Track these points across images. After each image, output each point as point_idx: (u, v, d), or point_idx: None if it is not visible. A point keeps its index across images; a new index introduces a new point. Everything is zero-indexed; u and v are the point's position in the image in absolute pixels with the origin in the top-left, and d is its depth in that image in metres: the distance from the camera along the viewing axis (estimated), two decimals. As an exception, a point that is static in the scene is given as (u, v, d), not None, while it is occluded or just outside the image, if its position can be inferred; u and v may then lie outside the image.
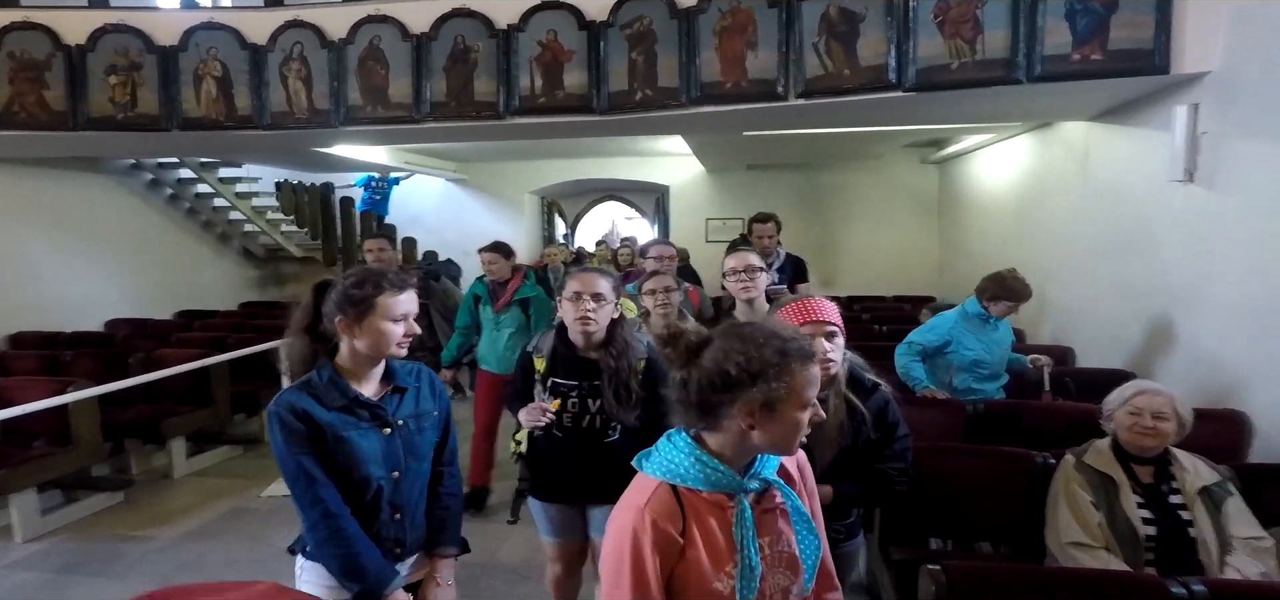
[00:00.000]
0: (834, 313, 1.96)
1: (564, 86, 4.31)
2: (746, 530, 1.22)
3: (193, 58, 4.55)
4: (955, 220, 8.37)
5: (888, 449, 2.02)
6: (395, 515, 1.82)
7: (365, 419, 1.76)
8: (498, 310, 4.18)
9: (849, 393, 1.95)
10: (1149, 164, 3.97)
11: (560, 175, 10.14)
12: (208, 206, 8.36)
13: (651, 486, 1.24)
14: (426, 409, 1.91)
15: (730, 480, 1.23)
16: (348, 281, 1.75)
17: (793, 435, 1.21)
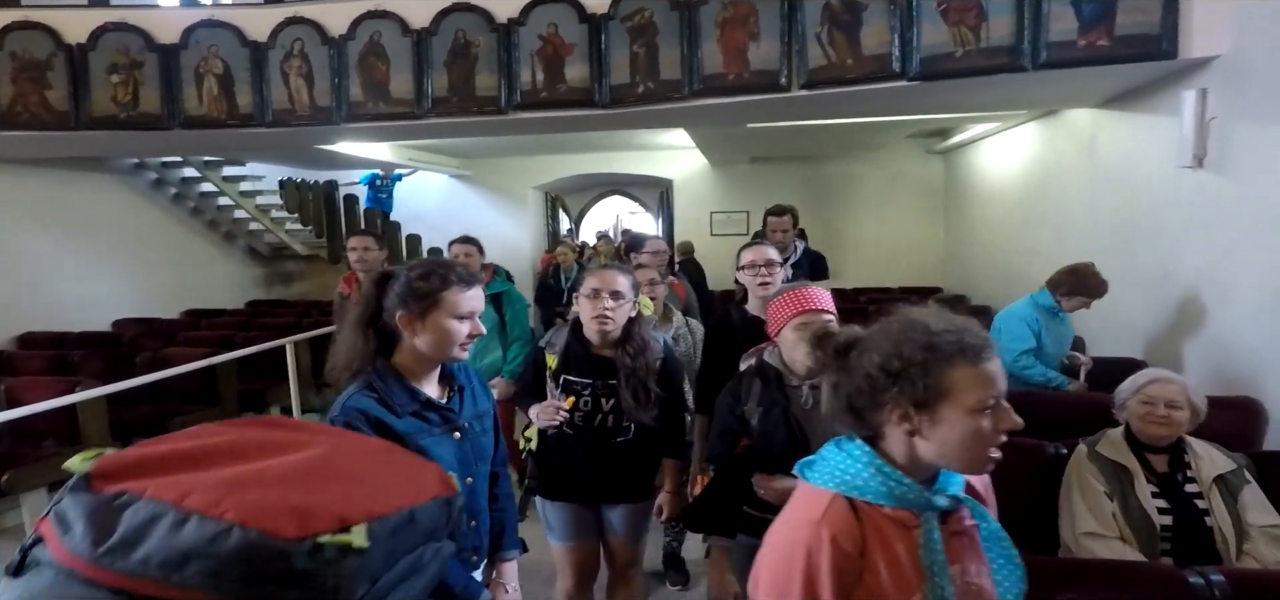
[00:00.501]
0: (828, 301, 1.96)
1: (566, 80, 4.29)
2: (936, 553, 1.06)
3: (194, 56, 4.55)
4: (960, 210, 8.33)
5: None
6: (471, 523, 1.76)
7: (436, 424, 1.67)
8: None
9: None
10: (1157, 150, 3.93)
11: (564, 170, 10.12)
12: (212, 205, 8.37)
13: (825, 499, 1.09)
14: (484, 408, 1.85)
15: (916, 495, 1.07)
16: (413, 273, 1.64)
17: (969, 446, 1.05)
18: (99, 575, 0.53)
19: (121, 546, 0.53)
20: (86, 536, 0.54)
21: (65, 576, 0.54)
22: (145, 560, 0.53)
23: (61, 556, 0.55)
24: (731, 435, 2.09)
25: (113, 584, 0.53)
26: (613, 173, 10.25)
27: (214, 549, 0.52)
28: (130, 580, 0.53)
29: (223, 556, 0.52)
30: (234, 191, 8.37)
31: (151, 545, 0.53)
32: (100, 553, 0.53)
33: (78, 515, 0.56)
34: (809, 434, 1.96)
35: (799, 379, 1.99)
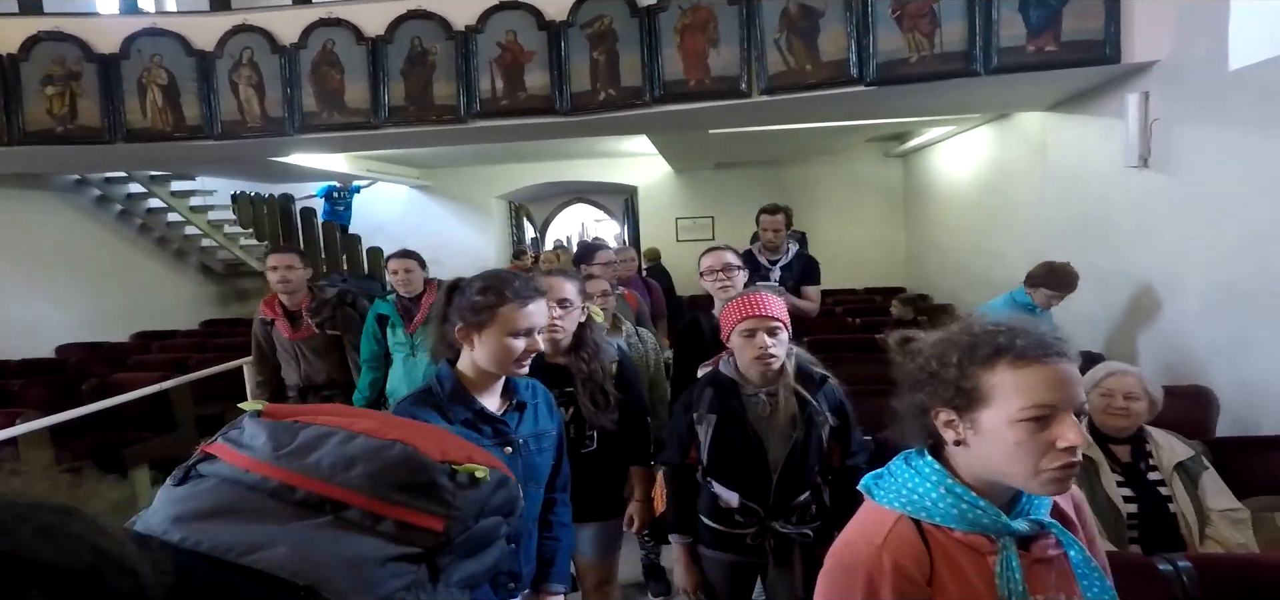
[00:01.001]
0: (779, 308, 1.94)
1: (526, 88, 4.24)
2: (1015, 584, 0.95)
3: (135, 66, 4.39)
4: (920, 212, 8.48)
5: (852, 439, 2.03)
6: (511, 544, 1.66)
7: (487, 435, 1.63)
8: (412, 330, 3.49)
9: (798, 386, 1.93)
10: (1105, 151, 4.04)
11: (527, 179, 10.04)
12: (161, 222, 8.11)
13: (888, 521, 1.01)
14: (545, 428, 1.77)
15: (991, 518, 0.98)
16: (473, 287, 1.64)
17: (1018, 460, 0.94)
18: (274, 472, 0.67)
19: (299, 450, 0.68)
20: (268, 443, 0.69)
21: (230, 482, 0.67)
22: (318, 462, 0.67)
23: (237, 461, 0.69)
24: (683, 444, 2.07)
25: (285, 479, 0.66)
26: (577, 180, 10.21)
27: (379, 457, 0.68)
28: (301, 478, 0.66)
29: (385, 462, 0.68)
30: (184, 207, 8.12)
31: (325, 451, 0.68)
32: (280, 454, 0.68)
33: (258, 431, 0.71)
34: (765, 442, 1.94)
35: (754, 386, 1.97)
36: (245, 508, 0.65)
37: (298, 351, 3.47)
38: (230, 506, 0.65)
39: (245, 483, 0.67)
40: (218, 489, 0.67)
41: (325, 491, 0.66)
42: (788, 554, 1.99)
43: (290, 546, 0.61)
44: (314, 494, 0.66)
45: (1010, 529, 0.97)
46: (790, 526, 1.96)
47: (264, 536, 0.62)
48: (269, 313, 3.52)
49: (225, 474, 0.68)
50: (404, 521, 0.67)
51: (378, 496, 0.66)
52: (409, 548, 0.66)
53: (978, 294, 6.34)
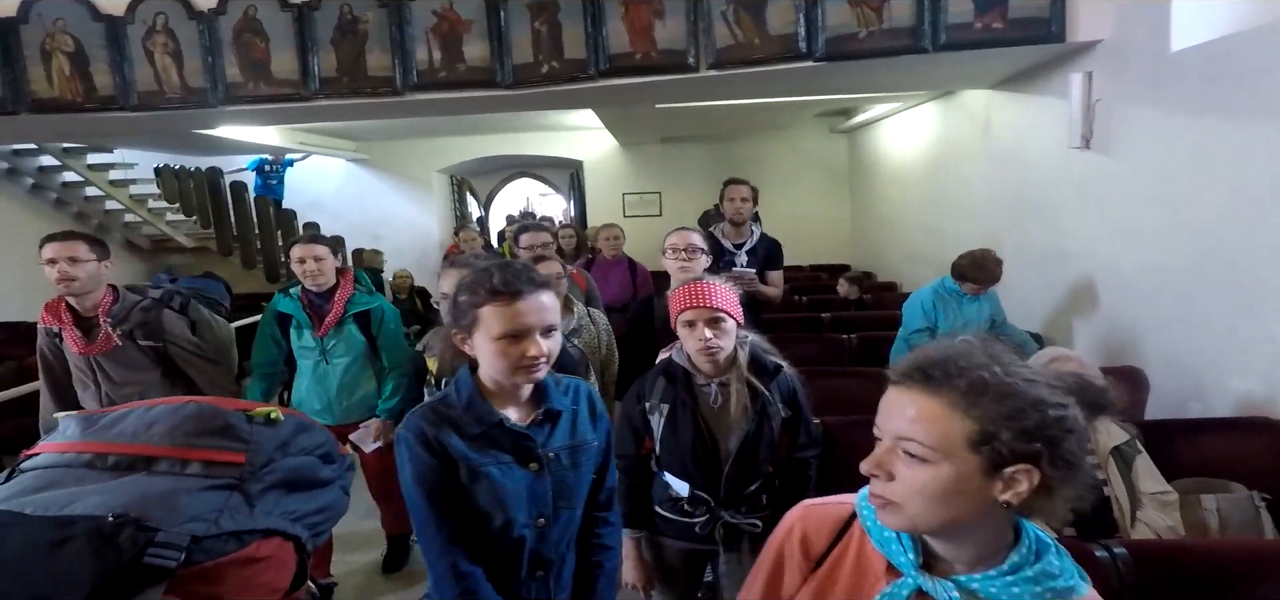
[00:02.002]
0: (724, 298, 1.87)
1: (465, 59, 4.05)
2: None
3: (36, 30, 4.03)
4: (865, 189, 8.55)
5: (803, 432, 2.01)
6: (537, 572, 1.52)
7: (507, 450, 1.45)
8: (322, 333, 2.96)
9: (751, 376, 1.90)
10: (1048, 131, 4.09)
11: (469, 152, 9.75)
12: (78, 196, 7.64)
13: (846, 503, 1.06)
14: (584, 439, 1.56)
15: (896, 550, 0.96)
16: (462, 283, 1.44)
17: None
18: (85, 446, 0.77)
19: (106, 426, 0.79)
20: (78, 427, 0.80)
21: (48, 466, 0.76)
22: (122, 430, 0.79)
23: (53, 449, 0.78)
24: (636, 434, 2.02)
25: (97, 449, 0.76)
26: (521, 154, 9.97)
27: (177, 414, 0.80)
28: (109, 445, 0.77)
29: (182, 416, 0.80)
30: (102, 181, 7.66)
31: (128, 421, 0.80)
32: (89, 431, 0.79)
33: (70, 422, 0.81)
34: (716, 433, 1.90)
35: (706, 376, 1.92)
36: (64, 480, 0.73)
37: (94, 368, 2.78)
38: (49, 482, 0.73)
39: (61, 463, 0.76)
40: (38, 474, 0.75)
41: (133, 450, 0.76)
42: (737, 542, 1.98)
43: (101, 494, 0.70)
44: (124, 455, 0.76)
45: (908, 571, 0.95)
46: (740, 516, 1.94)
47: (76, 494, 0.70)
48: (53, 320, 2.77)
49: (44, 462, 0.77)
50: (208, 460, 0.77)
51: (179, 444, 0.77)
52: (215, 480, 0.76)
53: (922, 271, 6.42)
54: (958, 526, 0.90)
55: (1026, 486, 0.85)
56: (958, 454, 0.86)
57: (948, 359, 0.89)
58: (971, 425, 0.85)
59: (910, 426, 0.88)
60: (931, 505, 0.88)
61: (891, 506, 0.90)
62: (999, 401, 0.85)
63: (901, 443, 0.89)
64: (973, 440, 0.85)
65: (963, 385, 0.86)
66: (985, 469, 0.85)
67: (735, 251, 3.67)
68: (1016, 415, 0.84)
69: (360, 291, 3.11)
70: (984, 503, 0.87)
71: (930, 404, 0.87)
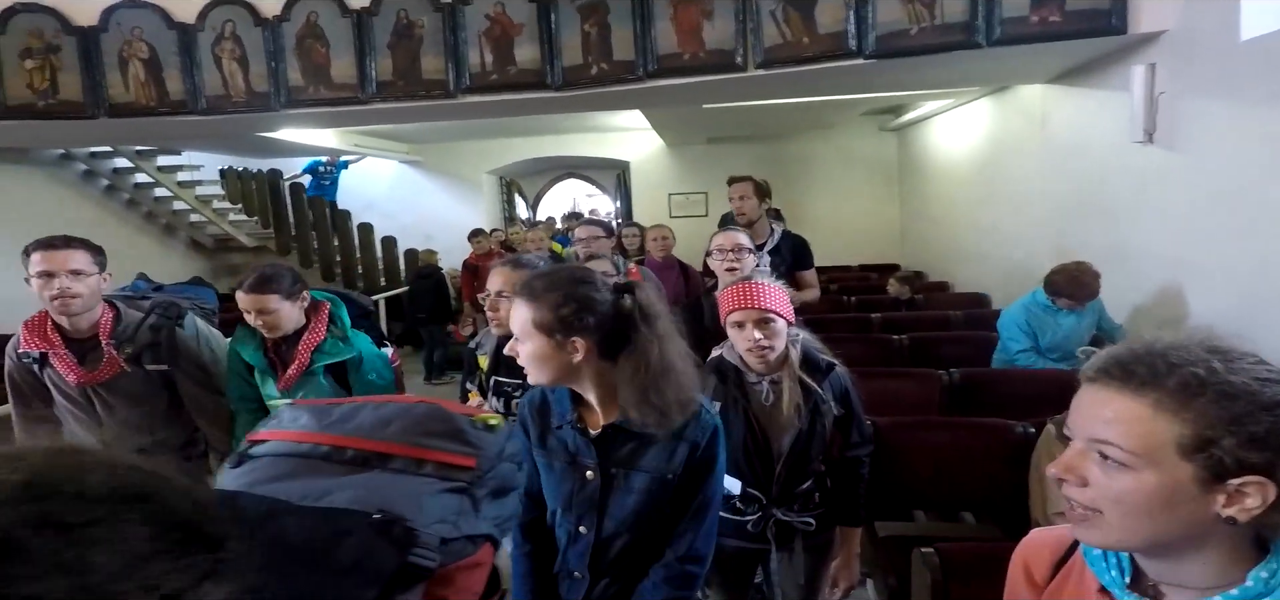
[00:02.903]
0: (774, 298, 1.87)
1: (516, 62, 4.14)
2: None
3: (115, 38, 4.26)
4: (915, 187, 8.40)
5: (855, 431, 2.00)
6: (575, 574, 1.51)
7: (556, 452, 1.48)
8: (284, 386, 2.36)
9: (804, 375, 1.89)
10: (1108, 125, 3.97)
11: (518, 154, 9.91)
12: (149, 197, 7.99)
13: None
14: (657, 468, 1.46)
15: (1104, 571, 0.87)
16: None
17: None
18: (323, 438, 0.78)
19: (341, 419, 0.81)
20: (312, 418, 0.81)
21: (283, 455, 0.78)
22: (360, 425, 0.80)
23: (286, 437, 0.80)
24: None
25: (335, 443, 0.78)
26: (569, 155, 10.09)
27: (410, 414, 0.81)
28: (348, 439, 0.77)
29: (416, 416, 0.82)
30: (171, 182, 8.00)
31: (363, 416, 0.80)
32: (325, 424, 0.80)
33: (298, 413, 0.83)
34: (768, 431, 1.90)
35: (757, 374, 1.92)
36: (304, 471, 0.75)
37: (92, 398, 2.36)
38: (290, 472, 0.75)
39: (297, 453, 0.78)
40: (274, 462, 0.78)
41: (370, 447, 0.77)
42: (789, 541, 1.98)
43: (354, 490, 0.71)
44: (361, 451, 0.77)
45: (1115, 589, 0.87)
46: (793, 514, 1.94)
47: (329, 486, 0.72)
48: (37, 342, 2.32)
49: (277, 450, 0.79)
50: (442, 462, 0.79)
51: (416, 444, 0.79)
52: (452, 482, 0.78)
53: (974, 270, 6.30)
54: (1172, 545, 0.80)
55: (1259, 502, 0.73)
56: (1166, 461, 0.76)
57: (1155, 354, 0.80)
58: (1183, 428, 0.75)
59: (1105, 427, 0.79)
60: (1133, 518, 0.78)
61: (1092, 517, 0.81)
62: (1219, 402, 0.74)
63: (1096, 445, 0.80)
64: (1185, 446, 0.75)
65: (1172, 383, 0.76)
66: (1202, 479, 0.75)
67: (753, 250, 3.58)
68: (1243, 419, 0.73)
69: (333, 336, 2.42)
70: (1203, 519, 0.76)
71: (1131, 404, 0.78)
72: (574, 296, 1.39)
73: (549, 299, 1.39)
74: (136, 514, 0.46)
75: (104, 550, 0.43)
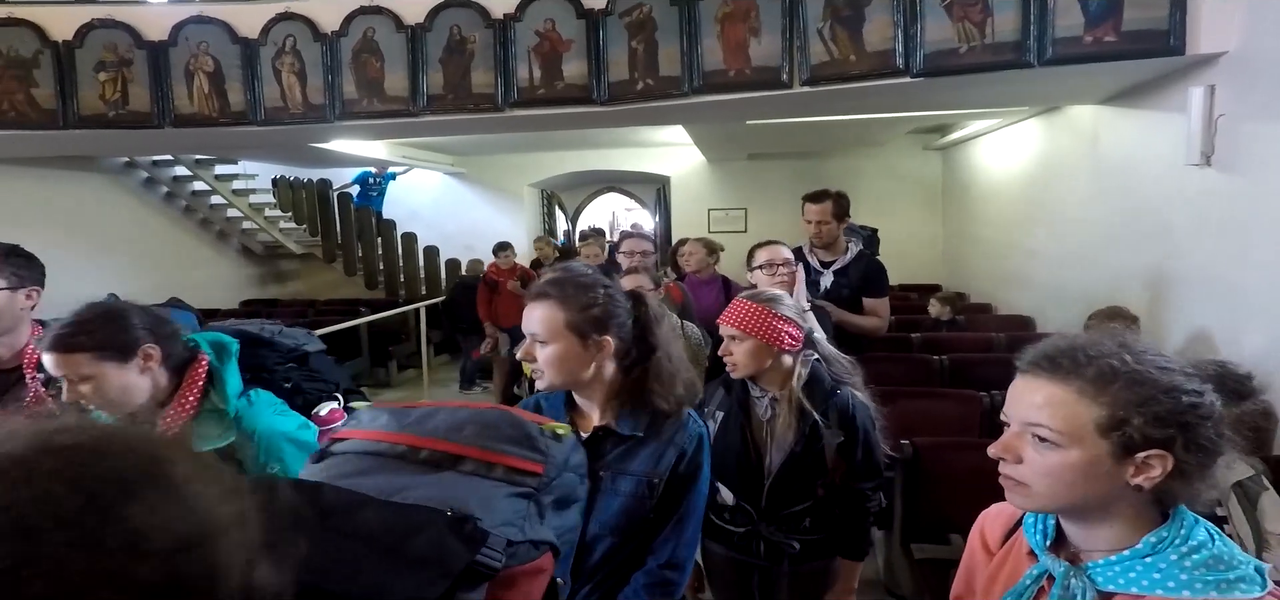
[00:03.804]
0: (736, 315, 1.89)
1: (563, 77, 4.22)
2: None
3: (183, 53, 4.46)
4: (959, 207, 8.29)
5: (861, 462, 1.93)
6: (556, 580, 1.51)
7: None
8: None
9: (802, 396, 1.88)
10: (1163, 147, 3.88)
11: (560, 167, 10.04)
12: (205, 204, 8.29)
13: None
14: (639, 471, 1.46)
15: (1032, 535, 1.02)
16: None
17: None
18: (399, 438, 0.81)
19: (418, 420, 0.84)
20: (391, 419, 0.85)
21: (362, 452, 0.81)
22: (435, 427, 0.83)
23: (365, 436, 0.83)
24: None
25: (410, 443, 0.80)
26: (609, 169, 10.18)
27: (483, 418, 0.85)
28: (423, 439, 0.81)
29: (488, 421, 0.84)
30: (226, 190, 8.28)
31: (438, 419, 0.84)
32: (403, 424, 0.83)
33: (377, 414, 0.87)
34: (761, 447, 1.90)
35: (762, 389, 1.93)
36: (381, 468, 0.79)
37: None
38: (368, 468, 0.79)
39: (375, 451, 0.81)
40: (353, 459, 0.81)
41: (444, 448, 0.80)
42: (778, 560, 1.97)
43: (427, 489, 0.75)
44: (435, 452, 0.80)
45: (1038, 553, 1.00)
46: (779, 535, 1.93)
47: (404, 483, 0.75)
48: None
49: (357, 448, 0.83)
50: (511, 467, 0.81)
51: (487, 448, 0.81)
52: (520, 487, 0.81)
53: (1018, 293, 6.19)
54: (1090, 510, 0.94)
55: (1160, 471, 0.87)
56: (1087, 438, 0.89)
57: (1076, 348, 0.93)
58: (1101, 411, 0.89)
59: (1038, 412, 0.93)
60: (1059, 486, 0.92)
61: (1020, 488, 0.95)
62: (1129, 387, 0.88)
63: (1030, 428, 0.94)
64: (1102, 425, 0.88)
65: (1091, 373, 0.90)
66: (1116, 454, 0.88)
67: (821, 270, 3.41)
68: (1148, 401, 0.87)
69: (211, 405, 1.63)
70: (1116, 486, 0.90)
71: (1058, 390, 0.92)
72: (602, 297, 1.45)
73: (580, 299, 1.43)
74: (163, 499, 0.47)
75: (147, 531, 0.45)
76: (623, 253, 3.44)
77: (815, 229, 3.38)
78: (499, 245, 6.70)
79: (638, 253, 3.38)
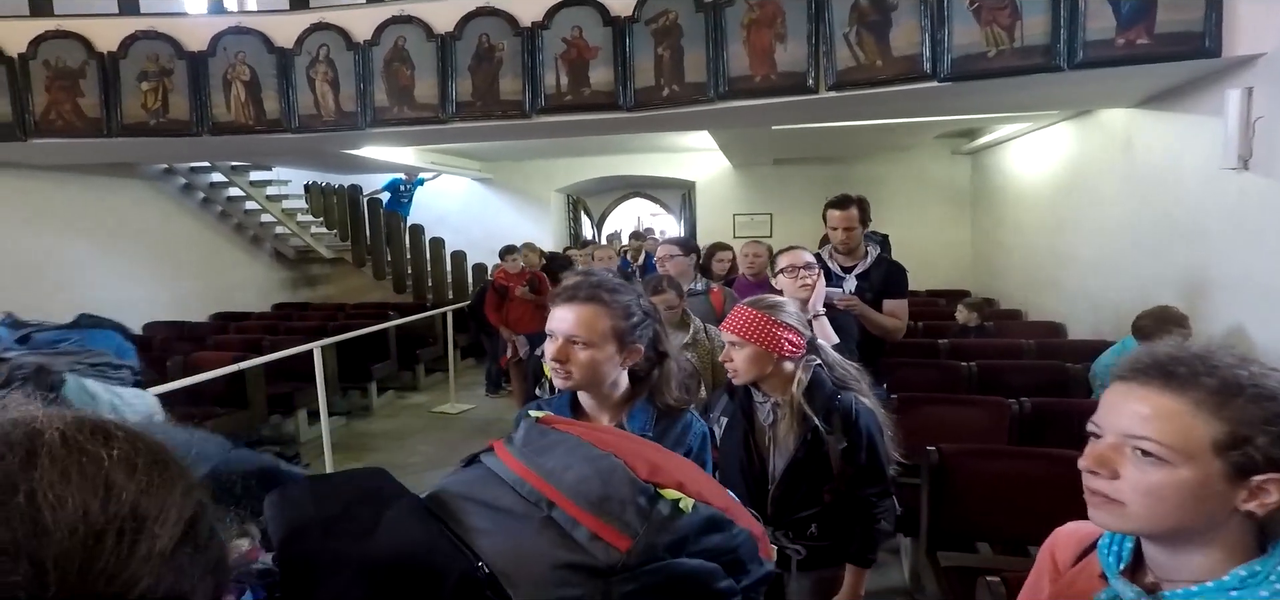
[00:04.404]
0: (737, 322, 1.88)
1: (590, 84, 4.27)
2: None
3: (221, 62, 4.59)
4: (988, 212, 8.19)
5: (866, 467, 1.90)
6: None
7: None
8: None
9: (803, 402, 1.86)
10: (1198, 151, 3.82)
11: (586, 173, 10.12)
12: (239, 209, 8.48)
13: None
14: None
15: (1107, 557, 0.93)
16: None
17: None
18: (516, 467, 0.77)
19: (537, 451, 0.78)
20: (523, 443, 0.81)
21: (490, 474, 0.78)
22: (543, 463, 0.76)
23: (502, 457, 0.79)
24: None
25: (521, 475, 0.75)
26: (635, 175, 10.24)
27: (592, 465, 0.74)
28: (531, 474, 0.75)
29: (590, 472, 0.73)
30: (260, 196, 8.47)
31: (555, 454, 0.77)
32: (524, 450, 0.79)
33: (521, 433, 0.83)
34: (764, 452, 1.90)
35: (764, 394, 1.92)
36: (486, 497, 0.75)
37: None
38: (477, 494, 0.75)
39: (498, 473, 0.78)
40: (480, 476, 0.79)
41: (543, 490, 0.73)
42: (784, 566, 1.94)
43: (497, 538, 0.70)
44: (535, 490, 0.74)
45: (1112, 582, 0.90)
46: (785, 540, 1.92)
47: (487, 523, 0.71)
48: None
49: (491, 467, 0.80)
50: (593, 532, 0.69)
51: (577, 503, 0.71)
52: (590, 559, 0.67)
53: (1047, 298, 6.10)
54: (1185, 534, 0.83)
55: (1276, 497, 0.78)
56: (1201, 456, 0.79)
57: (1193, 357, 0.83)
58: (1221, 427, 0.79)
59: (1143, 424, 0.82)
60: (1162, 507, 0.81)
61: (1112, 506, 0.84)
62: (1256, 403, 0.79)
63: (1132, 441, 0.83)
64: (1220, 443, 0.79)
65: (1213, 384, 0.80)
66: (1230, 475, 0.79)
67: (843, 275, 3.40)
68: (1274, 419, 0.78)
69: None
70: (1223, 511, 0.80)
71: (1170, 402, 0.81)
72: (638, 306, 1.47)
73: (622, 306, 1.43)
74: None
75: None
76: (659, 259, 3.48)
77: (842, 235, 3.34)
78: (505, 249, 6.16)
79: (670, 258, 3.40)
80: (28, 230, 5.93)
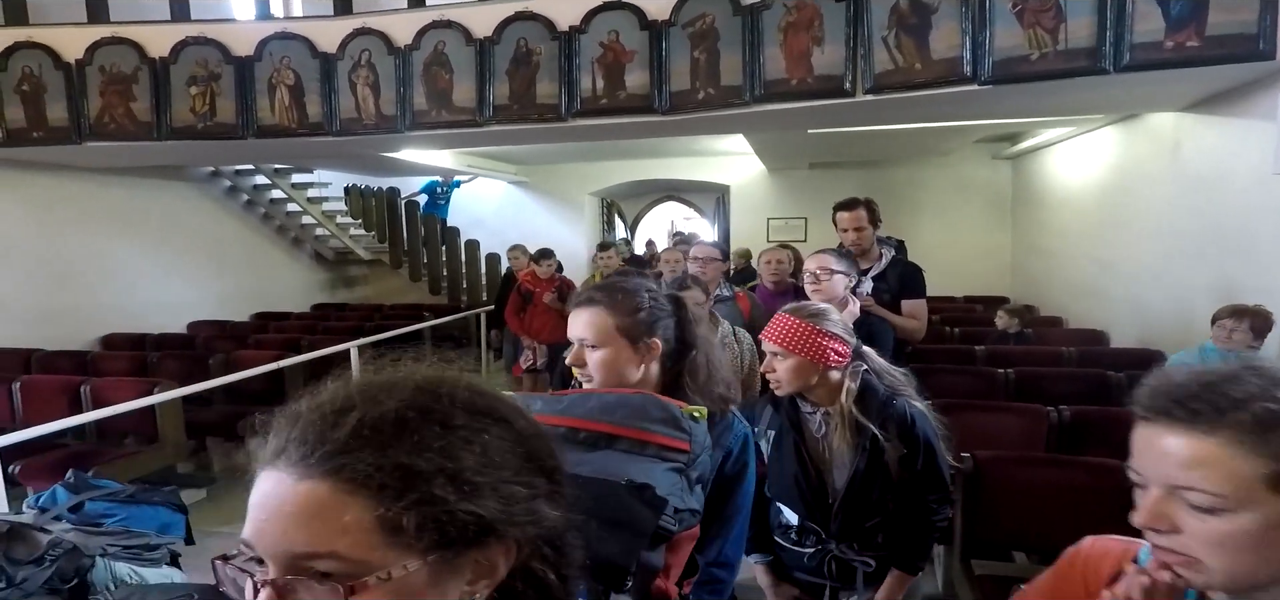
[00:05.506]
0: (778, 330, 1.82)
1: (626, 87, 4.29)
2: None
3: (267, 67, 4.71)
4: (1029, 218, 8.03)
5: (925, 473, 1.85)
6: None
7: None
8: None
9: (854, 408, 1.80)
10: (1250, 156, 3.70)
11: (620, 176, 10.15)
12: (281, 212, 8.67)
13: (1135, 542, 0.94)
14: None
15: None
16: None
17: None
18: (560, 421, 0.91)
19: (572, 406, 0.94)
20: (545, 406, 0.93)
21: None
22: (589, 411, 0.98)
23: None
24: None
25: (571, 425, 0.91)
26: (669, 178, 10.24)
27: (630, 402, 0.95)
28: (581, 422, 0.91)
29: (636, 405, 0.95)
30: (302, 198, 8.66)
31: (590, 404, 0.96)
32: (559, 410, 0.94)
33: (532, 400, 0.93)
34: (821, 466, 1.84)
35: (812, 404, 1.87)
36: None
37: None
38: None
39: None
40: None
41: (601, 429, 0.90)
42: (850, 579, 1.89)
43: (592, 466, 0.83)
44: (592, 432, 0.90)
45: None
46: (851, 552, 1.86)
47: (573, 461, 0.77)
48: None
49: None
50: (662, 444, 0.90)
51: (640, 428, 0.91)
52: (671, 462, 0.89)
53: (1091, 306, 5.96)
54: (1271, 581, 0.75)
55: None
56: (1257, 497, 0.72)
57: (1212, 388, 0.75)
58: (1270, 463, 0.71)
59: (1185, 473, 0.74)
60: (1240, 558, 0.73)
61: (1191, 565, 0.76)
62: None
63: (1178, 492, 0.76)
64: (1272, 480, 0.71)
65: (1246, 418, 0.72)
66: None
67: (860, 277, 3.30)
68: None
69: None
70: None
71: (1204, 445, 0.74)
72: (647, 300, 1.45)
73: (628, 303, 1.43)
74: (495, 431, 0.60)
75: (469, 449, 0.57)
76: (693, 260, 3.46)
77: (853, 236, 3.30)
78: (541, 252, 5.60)
79: (708, 261, 3.38)
80: (79, 230, 6.14)
